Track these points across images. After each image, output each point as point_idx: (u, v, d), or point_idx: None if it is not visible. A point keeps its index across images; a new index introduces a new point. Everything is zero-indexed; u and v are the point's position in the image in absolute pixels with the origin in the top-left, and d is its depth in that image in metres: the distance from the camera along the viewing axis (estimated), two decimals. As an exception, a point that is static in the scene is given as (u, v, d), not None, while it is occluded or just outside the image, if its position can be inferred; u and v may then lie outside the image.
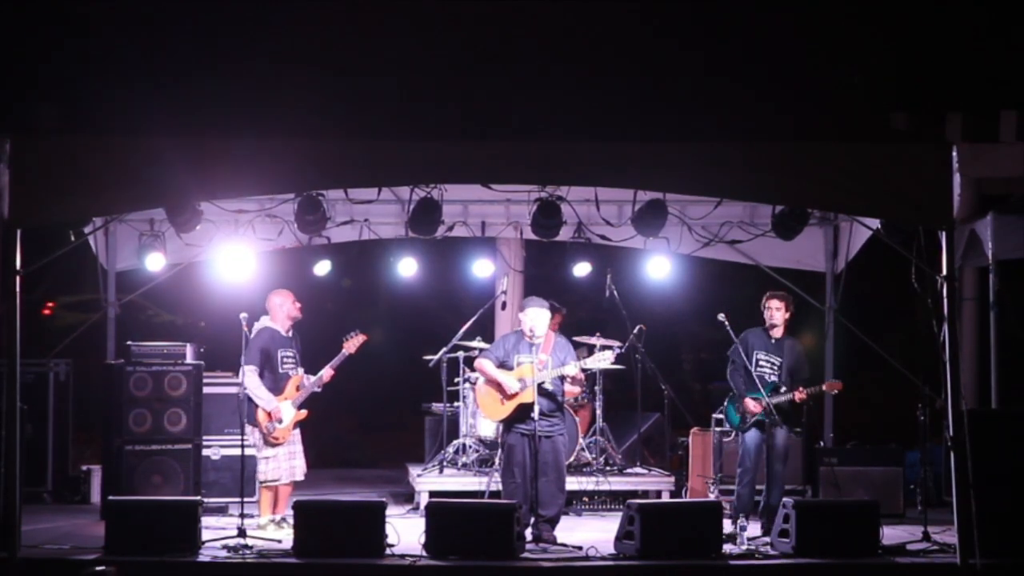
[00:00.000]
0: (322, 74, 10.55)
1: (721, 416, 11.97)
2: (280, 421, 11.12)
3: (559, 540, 10.66)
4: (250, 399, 11.10)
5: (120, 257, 13.05)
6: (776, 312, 11.37)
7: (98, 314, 13.02)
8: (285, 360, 11.28)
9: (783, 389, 11.18)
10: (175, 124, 10.01)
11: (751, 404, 11.24)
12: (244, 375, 11.07)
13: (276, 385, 11.19)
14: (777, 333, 11.39)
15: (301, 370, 11.38)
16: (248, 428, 11.17)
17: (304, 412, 11.28)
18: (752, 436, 11.30)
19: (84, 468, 13.30)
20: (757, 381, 11.24)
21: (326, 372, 11.29)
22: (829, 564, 10.12)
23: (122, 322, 13.23)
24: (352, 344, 11.32)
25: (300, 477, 11.37)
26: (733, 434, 11.87)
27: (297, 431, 11.33)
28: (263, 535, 10.73)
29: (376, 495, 13.20)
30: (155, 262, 12.45)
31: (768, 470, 11.25)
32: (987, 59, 12.23)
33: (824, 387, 11.46)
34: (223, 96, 10.27)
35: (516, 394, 10.84)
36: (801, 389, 11.21)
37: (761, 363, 11.34)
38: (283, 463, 11.20)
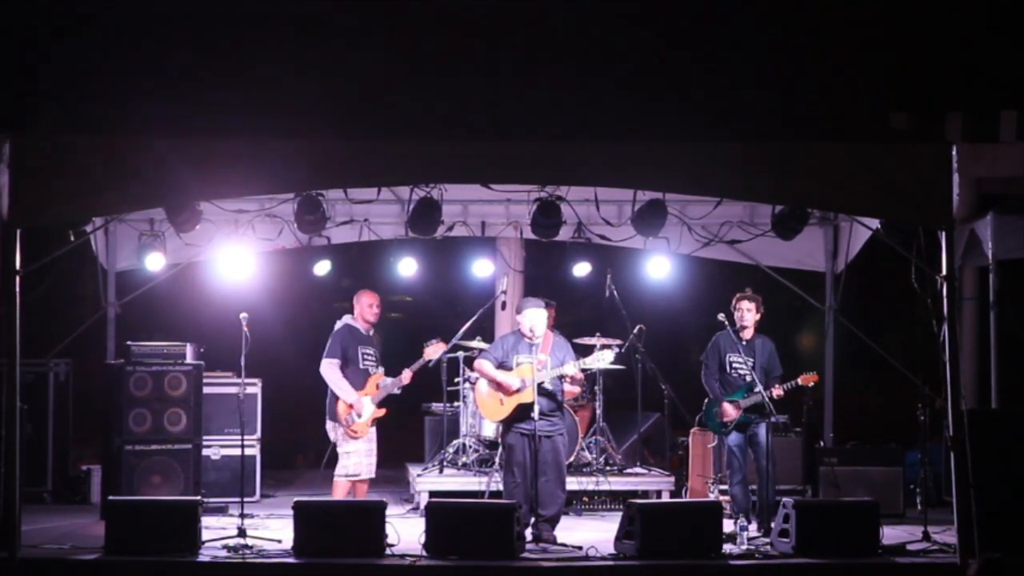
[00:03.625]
0: (322, 74, 10.56)
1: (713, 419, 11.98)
2: (360, 415, 11.30)
3: (559, 540, 10.65)
4: (330, 394, 11.30)
5: (120, 257, 13.05)
6: (747, 313, 11.43)
7: (99, 313, 13.01)
8: (365, 357, 11.47)
9: (757, 388, 11.18)
10: (175, 124, 10.01)
11: (730, 409, 11.31)
12: (325, 367, 11.29)
13: (357, 380, 11.37)
14: (747, 334, 11.45)
15: (381, 369, 11.54)
16: (328, 424, 11.36)
17: (383, 410, 11.43)
18: (733, 437, 11.36)
19: (84, 468, 13.29)
20: (732, 383, 11.35)
21: (405, 375, 11.46)
22: (829, 564, 10.11)
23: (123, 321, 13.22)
24: (432, 351, 11.54)
25: (373, 474, 11.55)
26: (716, 438, 11.89)
27: (374, 429, 11.47)
28: (268, 535, 10.70)
29: (376, 495, 13.18)
30: (155, 262, 12.45)
31: (757, 469, 11.28)
32: (987, 59, 12.22)
33: (800, 381, 11.31)
34: (223, 96, 10.27)
35: (517, 391, 10.84)
36: (778, 386, 11.23)
37: (734, 364, 11.39)
38: (363, 459, 11.39)
